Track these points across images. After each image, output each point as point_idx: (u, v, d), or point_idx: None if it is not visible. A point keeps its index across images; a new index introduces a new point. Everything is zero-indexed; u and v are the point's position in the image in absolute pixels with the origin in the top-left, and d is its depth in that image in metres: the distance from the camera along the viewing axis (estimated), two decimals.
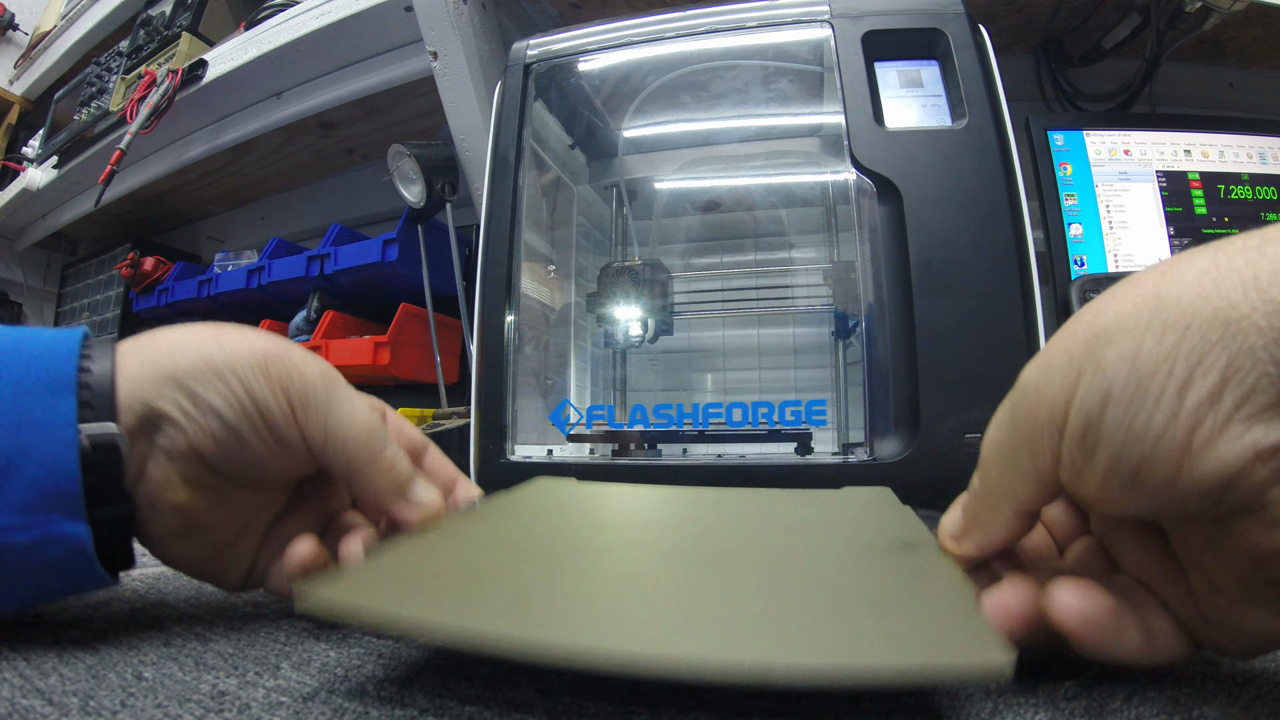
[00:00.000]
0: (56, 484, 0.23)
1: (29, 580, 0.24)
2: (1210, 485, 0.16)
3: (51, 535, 0.23)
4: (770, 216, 0.70)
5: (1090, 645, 0.19)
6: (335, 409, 0.27)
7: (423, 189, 0.87)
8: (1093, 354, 0.18)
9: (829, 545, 0.27)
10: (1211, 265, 0.17)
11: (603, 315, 0.63)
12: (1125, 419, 0.17)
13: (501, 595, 0.21)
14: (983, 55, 0.51)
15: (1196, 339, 0.16)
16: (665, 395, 0.71)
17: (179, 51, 1.12)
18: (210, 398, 0.25)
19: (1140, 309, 0.17)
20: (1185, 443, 0.16)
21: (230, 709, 0.20)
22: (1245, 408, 0.16)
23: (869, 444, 0.49)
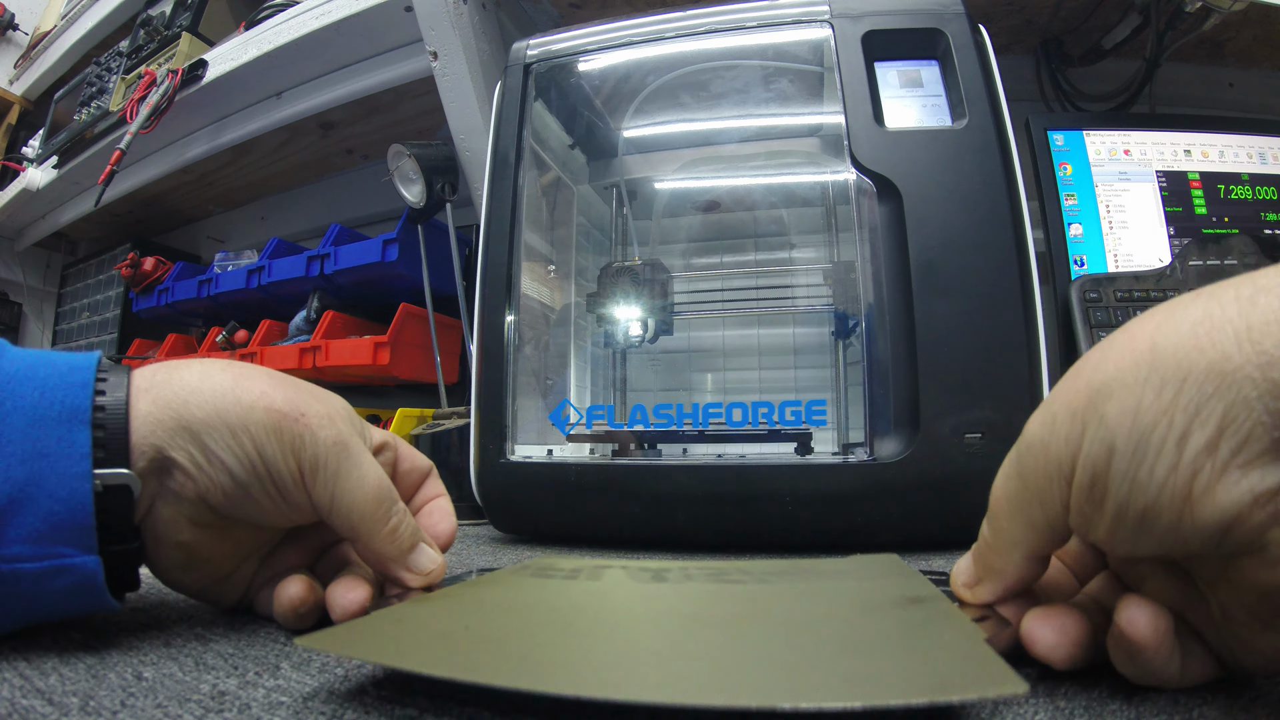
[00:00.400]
0: (70, 517, 0.23)
1: (35, 604, 0.24)
2: (1212, 529, 0.17)
3: (62, 566, 0.23)
4: (770, 216, 0.70)
5: (1151, 663, 0.19)
6: (344, 477, 0.27)
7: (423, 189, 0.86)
8: (1095, 409, 0.18)
9: (836, 603, 0.26)
10: (1205, 316, 0.17)
11: (603, 315, 0.63)
12: (1129, 471, 0.18)
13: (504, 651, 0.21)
14: (983, 55, 0.51)
15: (1193, 392, 0.17)
16: (665, 395, 0.71)
17: (179, 51, 1.12)
18: (221, 454, 0.26)
19: (1138, 363, 0.18)
20: (1186, 490, 0.17)
21: (230, 709, 0.20)
22: (1241, 455, 0.16)
23: (869, 444, 0.49)
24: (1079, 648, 0.20)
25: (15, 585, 0.23)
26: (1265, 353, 0.16)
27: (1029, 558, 0.22)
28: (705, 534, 0.50)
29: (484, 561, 0.47)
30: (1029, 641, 0.21)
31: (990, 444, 0.44)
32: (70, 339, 1.66)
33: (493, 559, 0.48)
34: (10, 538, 0.23)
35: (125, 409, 0.25)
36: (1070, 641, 0.20)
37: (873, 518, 0.46)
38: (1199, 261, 0.66)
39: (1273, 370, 0.16)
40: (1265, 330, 0.16)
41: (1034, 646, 0.21)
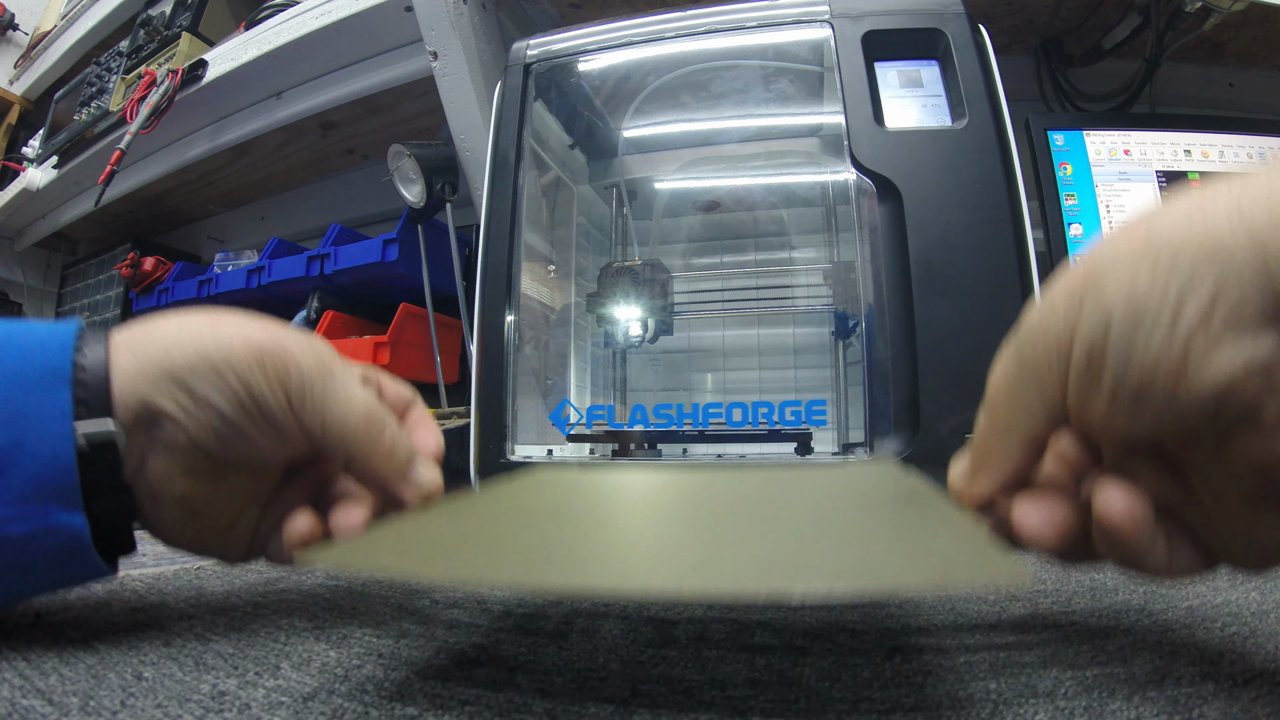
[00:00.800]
0: (53, 476, 0.23)
1: (25, 572, 0.24)
2: (1207, 398, 0.17)
3: (48, 526, 0.23)
4: (770, 216, 0.70)
5: (1130, 547, 0.20)
6: (331, 398, 0.27)
7: (423, 189, 0.87)
8: (1093, 287, 0.19)
9: (839, 500, 0.27)
10: (1199, 201, 0.18)
11: (603, 315, 0.63)
12: (1126, 343, 0.18)
13: (511, 551, 0.21)
14: (983, 55, 0.51)
15: (1186, 264, 0.17)
16: (665, 395, 0.71)
17: (179, 51, 1.12)
18: (208, 394, 0.26)
19: (1134, 244, 0.19)
20: (1182, 360, 0.17)
21: (230, 709, 0.20)
22: (1234, 324, 0.17)
23: (869, 444, 0.49)
24: (1067, 532, 0.21)
25: (3, 549, 0.23)
26: (1254, 225, 0.17)
27: (1026, 443, 0.22)
28: None
29: None
30: (1018, 526, 0.21)
31: None
32: None
33: None
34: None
35: (105, 365, 0.25)
36: (1057, 524, 0.21)
37: None
38: None
39: (1260, 239, 0.17)
40: (1254, 205, 0.17)
41: (1022, 530, 0.21)
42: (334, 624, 0.29)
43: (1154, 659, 0.23)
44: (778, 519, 0.24)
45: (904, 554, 0.19)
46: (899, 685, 0.22)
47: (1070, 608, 0.31)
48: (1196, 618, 0.28)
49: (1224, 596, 0.31)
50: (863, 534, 0.21)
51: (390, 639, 0.27)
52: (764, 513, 0.25)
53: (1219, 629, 0.27)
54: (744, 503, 0.28)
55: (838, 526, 0.22)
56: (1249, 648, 0.24)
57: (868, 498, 0.27)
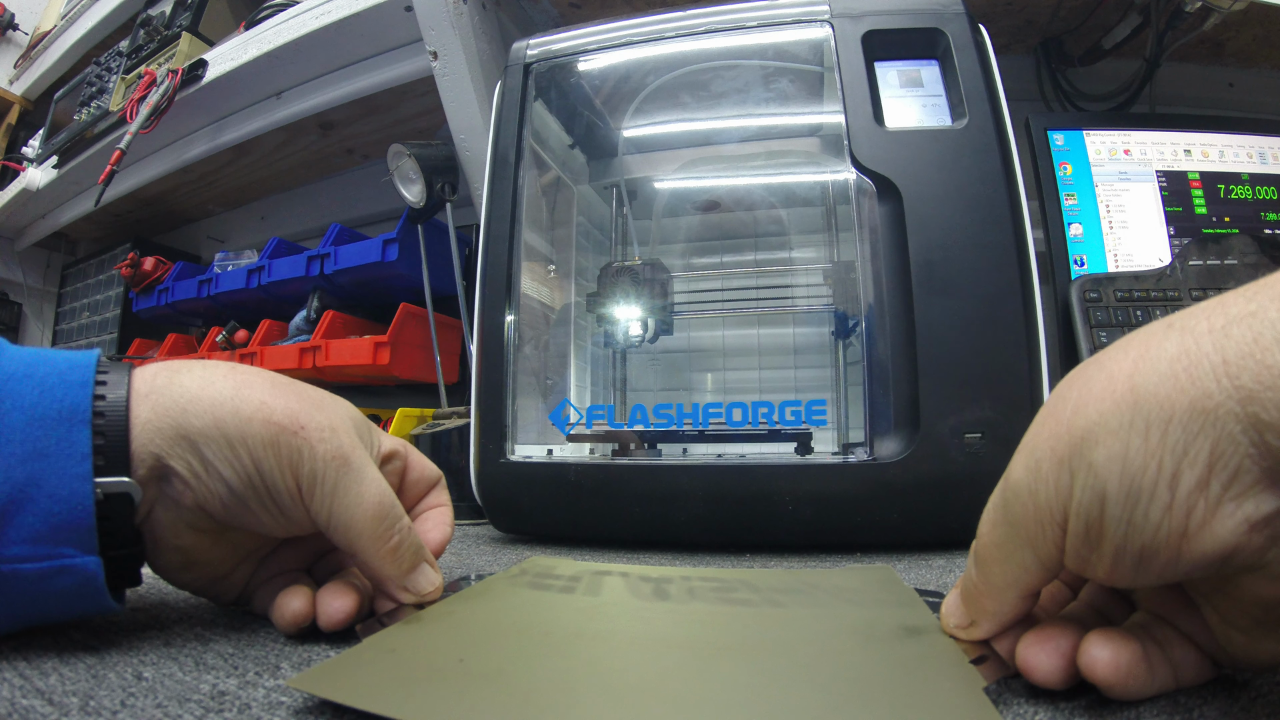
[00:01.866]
0: (71, 518, 0.23)
1: (35, 605, 0.24)
2: (1211, 559, 0.17)
3: (62, 567, 0.23)
4: (770, 216, 0.70)
5: (1124, 693, 0.20)
6: (342, 493, 0.27)
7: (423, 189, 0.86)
8: (1082, 456, 0.19)
9: (837, 634, 0.26)
10: (1181, 353, 0.17)
11: (603, 315, 0.63)
12: (1124, 516, 0.18)
13: (497, 693, 0.21)
14: (983, 55, 0.51)
15: (1179, 432, 0.17)
16: (665, 395, 0.71)
17: (179, 51, 1.12)
18: (219, 465, 0.25)
19: (1120, 406, 0.18)
20: (1183, 528, 0.17)
21: (230, 709, 0.20)
22: (1233, 489, 0.17)
23: (869, 444, 0.49)
24: (1073, 668, 0.20)
25: (15, 585, 0.23)
26: (1243, 387, 0.16)
27: (1022, 596, 0.22)
28: (705, 534, 0.50)
29: (483, 562, 0.47)
30: (1026, 670, 0.21)
31: (990, 444, 0.44)
32: (70, 339, 1.66)
33: (493, 559, 0.48)
34: (10, 538, 0.22)
35: (125, 414, 0.24)
36: (1065, 664, 0.20)
37: (873, 518, 0.46)
38: (1199, 261, 0.66)
39: (1252, 404, 0.16)
40: (1241, 365, 0.16)
41: (1032, 674, 0.21)
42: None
43: None
44: (773, 660, 0.23)
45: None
46: None
47: None
48: None
49: None
50: (855, 689, 0.20)
51: None
52: (759, 652, 0.24)
53: None
54: (739, 633, 0.26)
55: (832, 675, 0.21)
56: None
57: (868, 630, 0.26)
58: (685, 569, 0.38)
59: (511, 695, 0.20)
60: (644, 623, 0.28)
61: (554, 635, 0.26)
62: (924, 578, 0.38)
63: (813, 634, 0.26)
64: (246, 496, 0.26)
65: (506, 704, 0.20)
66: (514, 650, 0.24)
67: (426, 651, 0.24)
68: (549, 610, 0.30)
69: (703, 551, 0.49)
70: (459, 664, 0.23)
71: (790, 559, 0.45)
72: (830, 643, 0.25)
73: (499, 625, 0.28)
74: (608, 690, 0.21)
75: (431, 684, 0.21)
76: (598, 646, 0.25)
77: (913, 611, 0.27)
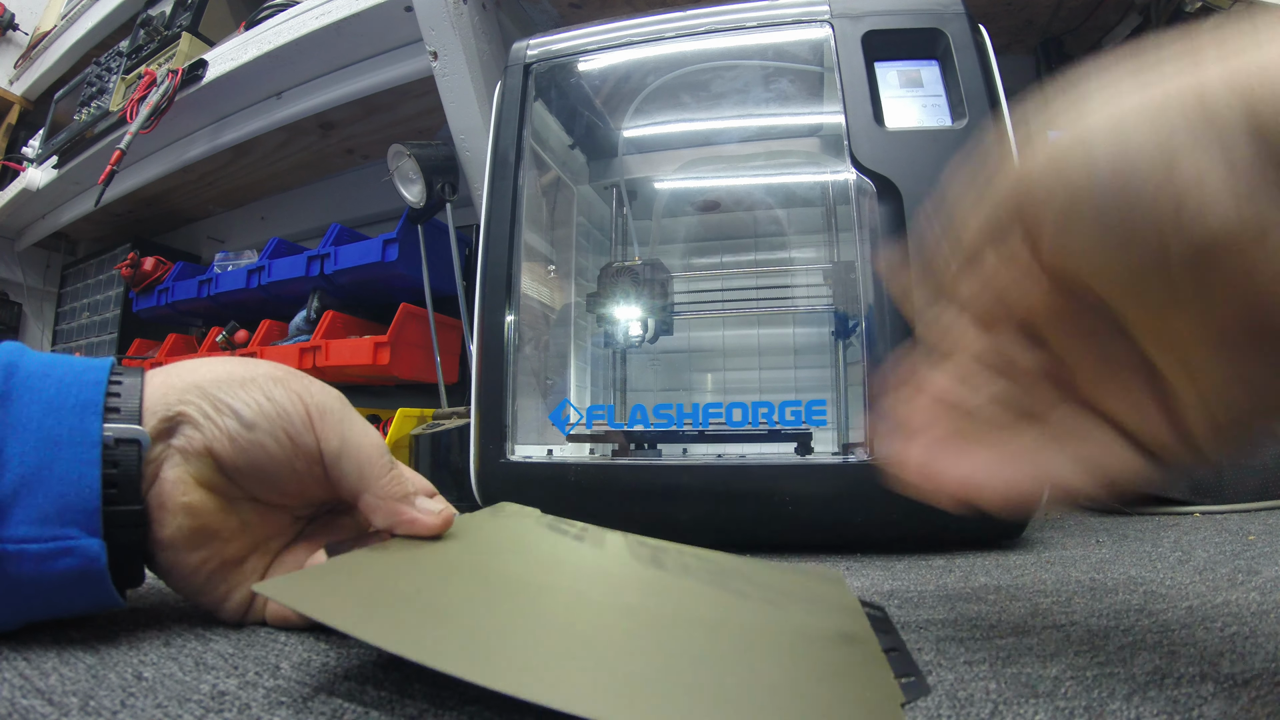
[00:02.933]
0: (78, 498, 0.24)
1: (37, 593, 0.24)
2: (1204, 239, 0.17)
3: (66, 548, 0.24)
4: (770, 216, 0.70)
5: (1001, 509, 0.21)
6: (349, 424, 0.29)
7: (423, 189, 0.87)
8: (1080, 144, 0.19)
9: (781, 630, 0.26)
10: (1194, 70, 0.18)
11: (603, 315, 0.63)
12: (1120, 186, 0.18)
13: (432, 622, 0.22)
14: (983, 55, 0.51)
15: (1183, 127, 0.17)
16: (665, 395, 0.71)
17: (179, 51, 1.12)
18: (231, 400, 0.27)
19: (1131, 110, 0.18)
20: (1178, 205, 0.17)
21: (230, 709, 0.20)
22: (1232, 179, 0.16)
23: (869, 444, 0.49)
24: None
25: (20, 567, 0.23)
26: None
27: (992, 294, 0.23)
28: (705, 534, 0.50)
29: None
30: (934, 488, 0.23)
31: None
32: (70, 339, 1.66)
33: None
34: (18, 519, 0.23)
35: (140, 385, 0.27)
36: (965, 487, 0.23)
37: (872, 518, 0.46)
38: None
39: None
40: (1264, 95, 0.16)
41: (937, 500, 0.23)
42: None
43: (1154, 659, 0.23)
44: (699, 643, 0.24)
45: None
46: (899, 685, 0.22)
47: (1070, 608, 0.31)
48: (1196, 618, 0.28)
49: (1224, 596, 0.31)
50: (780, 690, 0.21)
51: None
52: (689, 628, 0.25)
53: (1219, 629, 0.27)
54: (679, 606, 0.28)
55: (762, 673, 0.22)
56: (1249, 648, 0.24)
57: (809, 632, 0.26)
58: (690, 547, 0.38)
59: (451, 632, 0.21)
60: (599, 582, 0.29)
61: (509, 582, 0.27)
62: (923, 577, 0.38)
63: (759, 627, 0.27)
64: (258, 424, 0.27)
65: (441, 637, 0.21)
66: (467, 590, 0.26)
67: (388, 577, 0.25)
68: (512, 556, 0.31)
69: None
70: (416, 593, 0.24)
71: (790, 559, 0.45)
72: (772, 638, 0.25)
73: (462, 563, 0.29)
74: (537, 642, 0.22)
75: (381, 607, 0.22)
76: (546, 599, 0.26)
77: (853, 620, 0.28)
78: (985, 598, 0.33)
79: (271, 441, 0.27)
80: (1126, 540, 0.47)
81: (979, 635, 0.27)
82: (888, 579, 0.38)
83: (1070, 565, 0.40)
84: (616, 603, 0.27)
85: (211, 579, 0.28)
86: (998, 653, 0.25)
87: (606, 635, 0.23)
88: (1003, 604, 0.32)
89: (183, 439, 0.26)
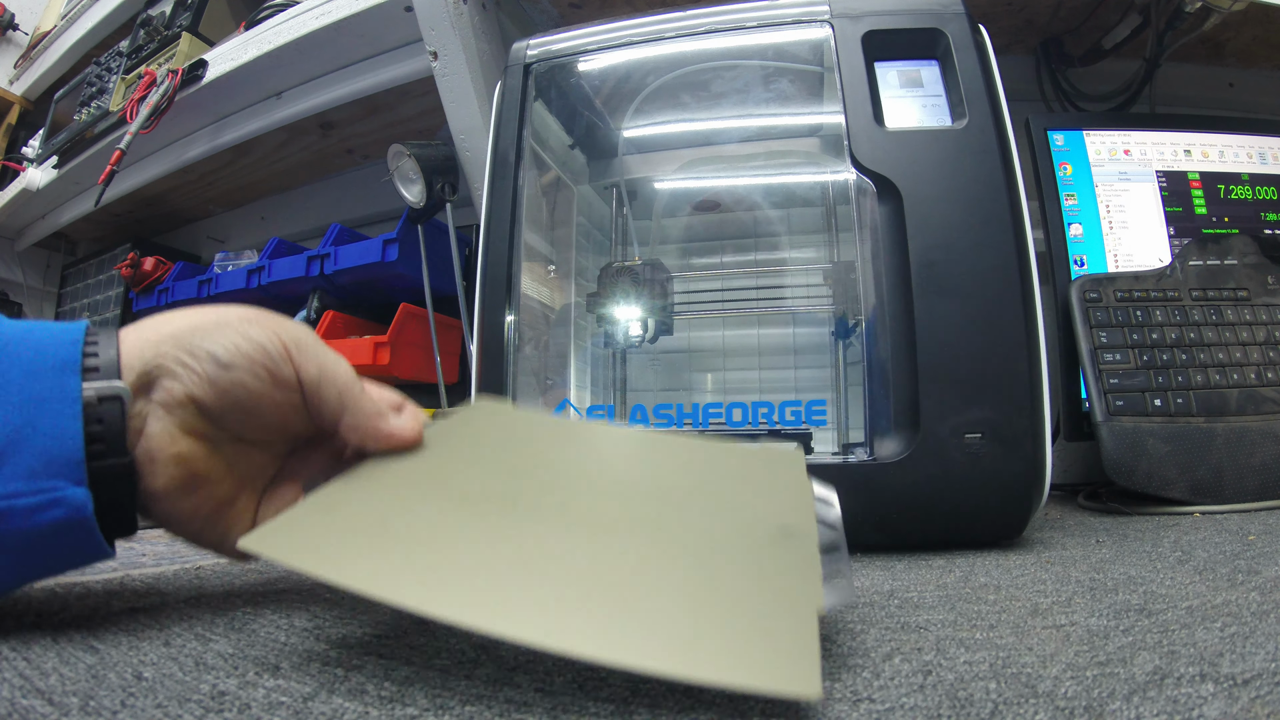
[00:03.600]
0: (62, 450, 0.25)
1: (28, 548, 0.25)
2: None
3: (55, 499, 0.25)
4: (770, 216, 0.70)
5: None
6: (324, 353, 0.30)
7: (423, 189, 0.87)
8: None
9: (712, 522, 0.28)
10: None
11: (603, 315, 0.63)
12: None
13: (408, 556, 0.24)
14: (983, 55, 0.51)
15: None
16: (665, 395, 0.71)
17: (179, 51, 1.12)
18: (207, 345, 0.28)
19: None
20: None
21: (230, 709, 0.20)
22: None
23: (869, 444, 0.49)
24: None
25: (11, 522, 0.24)
26: None
27: None
28: None
29: None
30: None
31: (990, 444, 0.44)
32: None
33: None
34: (7, 476, 0.24)
35: (116, 343, 0.27)
36: None
37: (873, 518, 0.46)
38: (1199, 261, 0.66)
39: None
40: None
41: None
42: (334, 624, 0.29)
43: (1154, 659, 0.23)
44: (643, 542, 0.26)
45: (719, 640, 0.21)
46: (899, 685, 0.22)
47: (1070, 608, 0.31)
48: (1196, 618, 0.28)
49: (1224, 596, 0.31)
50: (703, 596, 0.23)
51: (390, 639, 0.27)
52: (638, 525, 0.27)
53: (1219, 629, 0.27)
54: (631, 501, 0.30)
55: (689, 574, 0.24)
56: (1249, 648, 0.24)
57: (748, 529, 0.28)
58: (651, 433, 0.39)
59: (417, 561, 0.24)
60: (560, 490, 0.31)
61: (474, 500, 0.29)
62: (923, 577, 0.38)
63: (700, 527, 0.28)
64: (236, 364, 0.28)
65: (403, 567, 0.24)
66: (436, 514, 0.27)
67: (366, 509, 0.27)
68: (478, 468, 0.32)
69: None
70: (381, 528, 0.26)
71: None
72: (710, 540, 0.27)
73: (431, 481, 0.30)
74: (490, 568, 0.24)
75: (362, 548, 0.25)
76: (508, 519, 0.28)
77: (797, 511, 0.29)
78: (985, 598, 0.33)
79: (251, 378, 0.28)
80: (1126, 540, 0.47)
81: (979, 635, 0.27)
82: (888, 579, 0.38)
83: (1070, 565, 0.40)
84: (575, 514, 0.28)
85: (209, 521, 0.29)
86: (998, 653, 0.25)
87: (558, 555, 0.25)
88: (1003, 604, 0.32)
89: (163, 391, 0.27)
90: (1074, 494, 0.70)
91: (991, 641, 0.26)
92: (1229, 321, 0.63)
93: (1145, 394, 0.60)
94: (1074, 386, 0.66)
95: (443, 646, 0.26)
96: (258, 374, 0.28)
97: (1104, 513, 0.61)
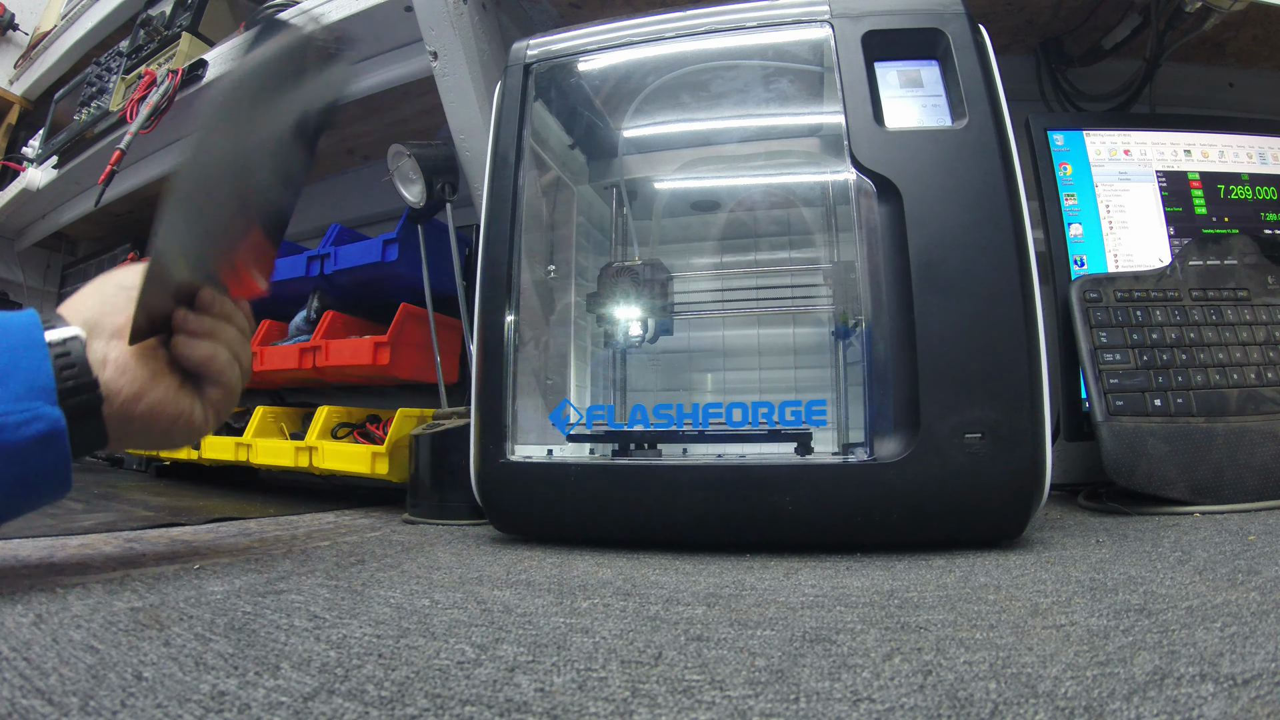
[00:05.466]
0: (38, 379, 0.35)
1: (16, 459, 0.33)
2: None
3: (36, 415, 0.34)
4: (770, 216, 0.70)
5: None
6: None
7: (423, 189, 0.86)
8: None
9: None
10: None
11: (603, 315, 0.63)
12: None
13: None
14: (983, 55, 0.51)
15: None
16: (665, 395, 0.71)
17: (179, 51, 1.12)
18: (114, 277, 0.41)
19: None
20: None
21: (230, 709, 0.20)
22: None
23: (869, 444, 0.49)
24: None
25: (3, 435, 0.33)
26: None
27: None
28: (705, 534, 0.50)
29: (483, 562, 0.47)
30: None
31: (990, 444, 0.44)
32: None
33: (492, 559, 0.48)
34: (1, 397, 0.33)
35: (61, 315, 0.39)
36: None
37: (873, 518, 0.46)
38: (1199, 261, 0.66)
39: None
40: None
41: None
42: (334, 624, 0.29)
43: (1154, 659, 0.23)
44: None
45: None
46: (899, 685, 0.22)
47: (1070, 608, 0.31)
48: (1196, 618, 0.28)
49: (1224, 596, 0.31)
50: None
51: (390, 639, 0.27)
52: None
53: (1219, 629, 0.27)
54: None
55: None
56: (1249, 648, 0.24)
57: None
58: None
59: None
60: None
61: None
62: (923, 577, 0.38)
63: None
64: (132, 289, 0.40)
65: None
66: None
67: None
68: None
69: (703, 552, 0.49)
70: None
71: (790, 559, 0.45)
72: None
73: None
74: None
75: None
76: None
77: None
78: (985, 598, 0.33)
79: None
80: (1126, 540, 0.47)
81: (979, 635, 0.27)
82: (888, 579, 0.38)
83: (1070, 565, 0.40)
84: None
85: (176, 403, 0.40)
86: (998, 653, 0.25)
87: None
88: (1003, 604, 0.32)
89: (110, 328, 0.38)
90: (1074, 494, 0.70)
91: (991, 641, 0.26)
92: (1229, 321, 0.63)
93: (1145, 394, 0.60)
94: (1074, 386, 0.66)
95: (442, 647, 0.26)
96: None
97: (1104, 513, 0.61)
